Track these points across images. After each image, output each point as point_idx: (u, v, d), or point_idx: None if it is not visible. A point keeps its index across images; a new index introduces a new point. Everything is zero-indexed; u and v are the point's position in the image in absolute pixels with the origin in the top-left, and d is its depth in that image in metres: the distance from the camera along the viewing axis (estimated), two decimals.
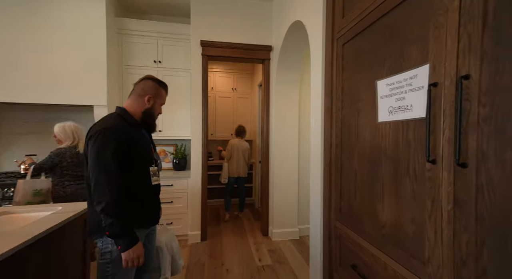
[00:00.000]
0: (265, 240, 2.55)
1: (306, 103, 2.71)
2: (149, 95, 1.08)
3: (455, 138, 0.61)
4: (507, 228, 0.52)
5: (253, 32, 2.61)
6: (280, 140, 2.55)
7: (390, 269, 0.86)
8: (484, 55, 0.57)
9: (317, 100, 1.45)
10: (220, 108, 4.21)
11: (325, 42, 1.38)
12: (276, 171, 2.54)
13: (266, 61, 2.67)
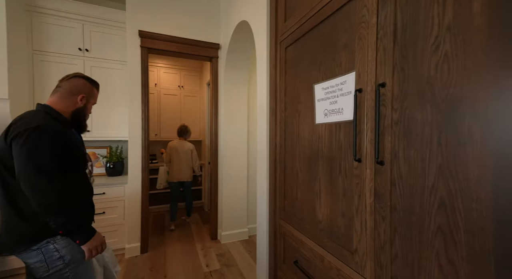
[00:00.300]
0: (214, 244, 2.47)
1: (254, 102, 2.75)
2: (82, 95, 1.04)
3: (375, 139, 0.69)
4: (411, 216, 0.61)
5: (201, 29, 2.50)
6: (229, 140, 2.51)
7: (326, 261, 0.92)
8: (395, 66, 0.65)
9: (263, 101, 1.47)
10: (165, 107, 3.92)
11: (269, 45, 1.41)
12: (225, 171, 2.50)
13: (214, 59, 2.60)
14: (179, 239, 2.60)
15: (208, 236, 2.68)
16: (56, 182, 0.84)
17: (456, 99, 0.52)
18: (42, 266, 0.87)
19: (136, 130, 2.26)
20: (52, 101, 0.99)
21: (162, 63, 3.90)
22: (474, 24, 0.49)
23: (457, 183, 0.51)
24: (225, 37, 2.39)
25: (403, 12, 0.63)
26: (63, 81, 1.02)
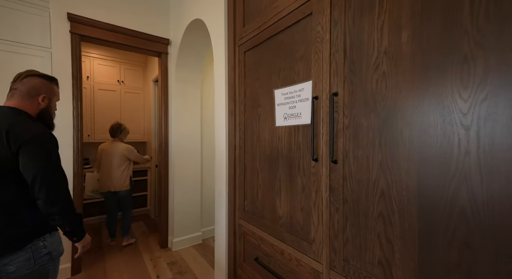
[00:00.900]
0: (164, 253, 2.32)
1: (208, 103, 2.70)
2: (43, 95, 1.02)
3: (330, 141, 0.79)
4: (359, 206, 0.72)
5: (148, 21, 2.31)
6: (181, 142, 2.40)
7: (286, 254, 1.00)
8: (345, 78, 0.76)
9: (221, 102, 1.47)
10: (101, 104, 3.44)
11: (228, 48, 1.42)
12: (177, 174, 2.37)
13: (163, 55, 2.44)
14: (122, 252, 2.33)
15: (157, 245, 2.49)
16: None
17: (392, 109, 0.64)
18: (27, 264, 0.91)
19: (66, 130, 1.93)
20: (16, 104, 0.97)
21: (96, 54, 3.41)
22: (403, 51, 0.62)
23: (392, 176, 0.64)
24: (176, 33, 2.27)
25: (351, 34, 0.75)
26: (17, 83, 0.98)
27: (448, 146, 0.54)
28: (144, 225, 3.09)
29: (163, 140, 2.43)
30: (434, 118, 0.56)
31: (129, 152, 2.53)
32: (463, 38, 0.52)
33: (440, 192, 0.56)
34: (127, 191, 2.53)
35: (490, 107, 0.48)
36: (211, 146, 2.72)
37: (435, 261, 0.56)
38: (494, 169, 0.48)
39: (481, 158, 0.49)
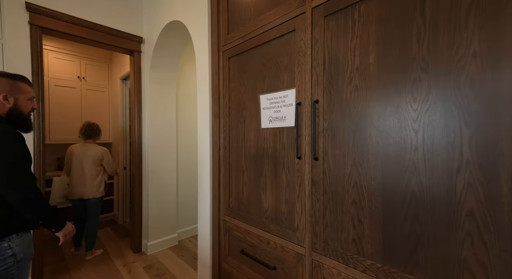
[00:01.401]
0: (139, 257, 2.24)
1: (183, 104, 2.68)
2: (4, 94, 0.99)
3: (312, 141, 0.92)
4: (336, 195, 0.87)
5: (119, 17, 2.21)
6: (155, 143, 2.34)
7: (272, 243, 1.11)
8: (325, 88, 0.90)
9: (205, 105, 1.52)
10: (57, 101, 3.13)
11: (211, 53, 1.47)
12: (151, 177, 2.31)
13: (136, 53, 2.35)
14: (90, 261, 2.18)
15: (129, 250, 2.39)
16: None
17: (362, 115, 0.80)
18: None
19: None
20: None
21: (52, 46, 3.10)
22: (370, 70, 0.78)
23: (363, 170, 0.80)
24: (150, 31, 2.22)
25: (329, 52, 0.89)
26: None
27: (403, 145, 0.71)
28: (111, 231, 2.91)
29: (137, 141, 2.35)
30: (393, 123, 0.73)
31: (105, 155, 2.32)
32: (412, 64, 0.69)
33: (397, 180, 0.72)
34: (99, 198, 2.30)
35: (431, 116, 0.66)
36: (187, 147, 2.71)
37: (395, 233, 0.73)
38: (434, 162, 0.65)
39: (425, 153, 0.67)
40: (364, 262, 0.79)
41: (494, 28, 0.56)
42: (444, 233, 0.64)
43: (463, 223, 0.61)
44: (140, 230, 2.37)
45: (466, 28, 0.60)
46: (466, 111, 0.60)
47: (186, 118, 2.72)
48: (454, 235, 0.62)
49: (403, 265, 0.71)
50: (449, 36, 0.63)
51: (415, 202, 0.69)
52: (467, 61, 0.60)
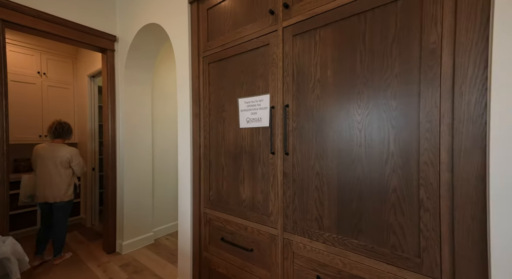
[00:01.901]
0: (113, 257, 2.23)
1: (158, 103, 2.69)
2: None
3: (283, 139, 1.10)
4: (303, 183, 1.06)
5: (91, 14, 2.17)
6: (131, 143, 2.34)
7: (249, 228, 1.27)
8: (294, 95, 1.09)
9: (185, 106, 1.61)
10: (14, 98, 2.89)
11: (192, 58, 1.58)
12: (127, 177, 2.31)
13: (109, 52, 2.32)
14: (59, 265, 2.11)
15: (101, 251, 2.34)
16: None
17: (322, 118, 1.00)
18: None
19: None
20: None
21: (8, 38, 2.85)
22: (328, 82, 0.99)
23: (323, 162, 1.00)
24: (125, 31, 2.22)
25: (297, 65, 1.08)
26: None
27: (351, 141, 0.92)
28: (80, 235, 2.79)
29: (110, 141, 2.32)
30: (344, 124, 0.94)
31: (75, 156, 2.18)
32: (357, 79, 0.91)
33: (347, 169, 0.94)
34: (67, 202, 2.17)
35: (370, 119, 0.88)
36: (162, 147, 2.73)
37: (346, 210, 0.94)
38: (371, 154, 0.88)
39: (366, 148, 0.89)
40: (324, 234, 1.00)
41: (407, 55, 0.80)
42: (378, 206, 0.86)
43: (390, 198, 0.84)
44: (114, 230, 2.35)
45: (391, 55, 0.83)
46: (392, 117, 0.83)
47: (161, 118, 2.74)
48: (384, 207, 0.85)
49: (351, 233, 0.93)
50: (381, 60, 0.85)
51: (359, 186, 0.91)
52: (392, 80, 0.83)
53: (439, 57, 0.74)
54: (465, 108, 0.69)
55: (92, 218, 3.14)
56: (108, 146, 2.32)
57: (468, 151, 0.69)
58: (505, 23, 0.61)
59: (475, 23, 0.68)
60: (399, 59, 0.81)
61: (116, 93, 2.34)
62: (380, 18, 0.85)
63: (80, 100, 3.29)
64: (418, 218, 0.78)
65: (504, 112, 0.61)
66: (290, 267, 1.11)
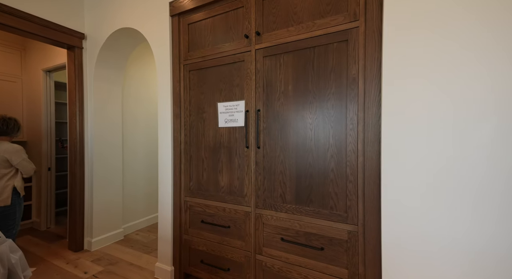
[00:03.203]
0: (83, 255, 2.23)
1: (130, 103, 2.73)
2: None
3: (256, 136, 1.42)
4: (270, 169, 1.40)
5: (57, 10, 2.13)
6: (101, 141, 2.35)
7: (227, 209, 1.56)
8: (264, 102, 1.42)
9: (166, 107, 1.80)
10: None
11: (173, 64, 1.77)
12: (96, 175, 2.31)
13: (77, 49, 2.30)
14: None
15: (67, 251, 2.30)
16: None
17: (285, 120, 1.36)
18: None
19: None
20: None
21: None
22: (289, 94, 1.35)
23: (286, 153, 1.36)
24: (97, 30, 2.24)
25: (267, 79, 1.41)
26: None
27: (305, 137, 1.30)
28: (35, 238, 2.62)
29: (78, 140, 2.29)
30: (301, 125, 1.31)
31: (14, 155, 1.88)
32: (309, 94, 1.29)
33: (303, 157, 1.31)
34: (8, 208, 1.87)
35: (318, 122, 1.27)
36: (133, 145, 2.77)
37: (301, 187, 1.31)
38: (318, 146, 1.26)
39: (315, 142, 1.27)
40: (286, 206, 1.36)
41: (339, 80, 1.20)
42: (322, 182, 1.25)
43: (329, 175, 1.23)
44: (82, 228, 2.33)
45: (330, 79, 1.23)
46: (331, 120, 1.23)
47: (132, 117, 2.78)
48: (326, 182, 1.24)
49: (305, 202, 1.30)
50: (324, 82, 1.25)
51: (310, 168, 1.29)
52: (331, 96, 1.23)
53: (357, 83, 1.16)
54: (370, 116, 1.12)
55: (47, 220, 2.95)
56: (76, 144, 2.30)
57: (372, 142, 1.12)
58: (387, 68, 1.04)
59: (374, 66, 1.11)
60: (335, 83, 1.22)
61: (84, 91, 2.33)
62: (323, 53, 1.25)
63: (31, 96, 3.04)
64: (346, 187, 1.20)
65: (389, 119, 1.05)
66: (260, 235, 1.44)
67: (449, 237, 0.95)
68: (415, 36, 1.00)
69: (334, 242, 1.22)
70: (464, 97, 0.92)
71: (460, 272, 0.93)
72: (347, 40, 1.18)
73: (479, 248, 0.90)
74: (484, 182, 0.89)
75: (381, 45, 1.08)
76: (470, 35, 0.91)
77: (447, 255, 0.95)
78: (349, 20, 1.17)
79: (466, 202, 0.92)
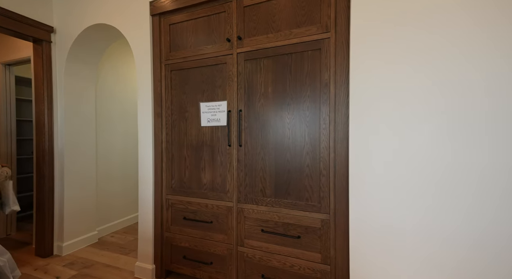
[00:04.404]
0: (53, 260, 2.11)
1: (104, 101, 2.63)
2: None
3: (237, 135, 1.51)
4: (252, 166, 1.49)
5: (21, 1, 2.00)
6: (72, 140, 2.24)
7: (210, 205, 1.62)
8: (245, 103, 1.51)
9: (147, 106, 1.80)
10: None
11: (154, 63, 1.78)
12: (67, 177, 2.20)
13: (45, 43, 2.16)
14: None
15: (35, 257, 2.16)
16: None
17: (266, 120, 1.46)
18: None
19: None
20: None
21: None
22: (269, 96, 1.45)
23: (266, 150, 1.46)
24: (68, 23, 2.13)
25: (248, 81, 1.50)
26: None
27: (283, 136, 1.42)
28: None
29: (47, 138, 2.16)
30: (279, 124, 1.43)
31: None
32: (287, 96, 1.41)
33: (281, 154, 1.42)
34: None
35: (295, 122, 1.39)
36: (107, 145, 2.67)
37: (280, 181, 1.43)
38: (296, 144, 1.39)
39: (292, 140, 1.40)
40: (266, 200, 1.46)
41: (313, 84, 1.34)
42: (299, 176, 1.38)
43: (305, 170, 1.37)
44: (52, 232, 2.20)
45: (305, 83, 1.36)
46: (306, 121, 1.36)
47: (106, 115, 2.68)
48: (302, 176, 1.37)
49: (283, 195, 1.42)
50: (300, 85, 1.37)
51: (288, 165, 1.41)
52: (306, 98, 1.36)
53: (329, 88, 1.30)
54: (340, 117, 1.28)
55: (7, 226, 2.71)
56: (44, 143, 2.17)
57: (341, 140, 1.27)
58: (353, 76, 1.20)
59: (343, 72, 1.26)
60: (309, 87, 1.35)
61: (54, 87, 2.20)
62: (300, 59, 1.37)
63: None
64: (319, 181, 1.34)
65: (355, 119, 1.21)
66: (242, 228, 1.53)
67: (404, 223, 1.13)
68: (375, 49, 1.17)
69: (309, 230, 1.36)
70: (409, 102, 1.10)
71: (417, 256, 1.12)
72: (320, 49, 1.32)
73: (436, 234, 1.10)
74: (430, 172, 1.08)
75: (349, 55, 1.24)
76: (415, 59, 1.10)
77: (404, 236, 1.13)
78: (321, 31, 1.31)
79: (421, 193, 1.11)
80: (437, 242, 1.07)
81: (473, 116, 1.02)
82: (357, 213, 1.21)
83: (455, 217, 1.04)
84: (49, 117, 2.19)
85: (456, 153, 1.04)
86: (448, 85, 1.05)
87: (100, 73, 2.58)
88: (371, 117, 1.18)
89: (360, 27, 1.20)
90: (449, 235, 1.05)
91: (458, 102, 1.04)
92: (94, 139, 2.46)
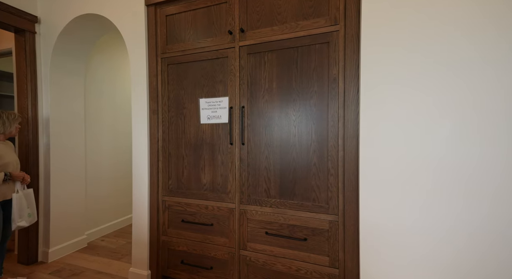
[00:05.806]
0: (38, 267, 1.96)
1: (93, 96, 2.48)
2: None
3: (240, 133, 1.43)
4: (255, 166, 1.42)
5: None
6: (59, 139, 2.09)
7: (210, 207, 1.53)
8: (248, 98, 1.43)
9: (142, 102, 1.69)
10: None
11: (149, 57, 1.67)
12: (54, 179, 2.05)
13: (28, 33, 2.00)
14: None
15: (17, 265, 2.00)
16: None
17: (270, 117, 1.39)
18: None
19: None
20: None
21: None
22: (274, 91, 1.38)
23: (270, 148, 1.39)
24: (53, 13, 1.99)
25: (251, 76, 1.43)
26: None
27: (289, 133, 1.35)
28: None
29: (32, 137, 2.01)
30: (285, 121, 1.36)
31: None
32: (293, 91, 1.34)
33: (287, 153, 1.36)
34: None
35: (301, 119, 1.33)
36: (96, 144, 2.52)
37: (285, 181, 1.36)
38: (302, 141, 1.32)
39: (298, 138, 1.33)
40: (271, 201, 1.39)
41: (321, 79, 1.28)
42: (305, 175, 1.32)
43: (312, 169, 1.31)
44: (36, 237, 2.05)
45: (312, 78, 1.30)
46: (313, 117, 1.30)
47: (97, 110, 2.53)
48: (308, 175, 1.31)
49: (289, 196, 1.36)
50: (307, 80, 1.31)
51: (294, 163, 1.35)
52: (313, 94, 1.30)
53: (337, 83, 1.25)
54: (350, 113, 1.22)
55: None
56: (29, 142, 2.01)
57: (351, 137, 1.22)
58: (365, 67, 1.15)
59: (353, 67, 1.21)
60: (317, 82, 1.29)
61: (38, 81, 2.05)
62: (307, 53, 1.31)
63: None
64: (327, 180, 1.28)
65: (366, 116, 1.15)
66: (245, 231, 1.45)
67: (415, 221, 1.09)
68: (390, 43, 1.12)
69: (316, 232, 1.30)
70: (424, 102, 1.06)
71: (426, 251, 1.08)
72: (328, 42, 1.26)
73: (443, 234, 1.06)
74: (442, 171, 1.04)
75: (359, 49, 1.19)
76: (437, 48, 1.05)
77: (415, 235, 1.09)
78: (330, 23, 1.25)
79: (433, 193, 1.07)
80: (460, 244, 1.04)
81: (492, 114, 0.98)
82: (369, 213, 1.16)
83: (478, 217, 1.01)
84: (33, 113, 2.03)
85: (479, 151, 1.00)
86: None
87: (89, 66, 2.43)
88: (383, 114, 1.13)
89: (371, 19, 1.14)
90: (472, 234, 1.02)
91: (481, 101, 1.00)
92: (83, 136, 2.31)
